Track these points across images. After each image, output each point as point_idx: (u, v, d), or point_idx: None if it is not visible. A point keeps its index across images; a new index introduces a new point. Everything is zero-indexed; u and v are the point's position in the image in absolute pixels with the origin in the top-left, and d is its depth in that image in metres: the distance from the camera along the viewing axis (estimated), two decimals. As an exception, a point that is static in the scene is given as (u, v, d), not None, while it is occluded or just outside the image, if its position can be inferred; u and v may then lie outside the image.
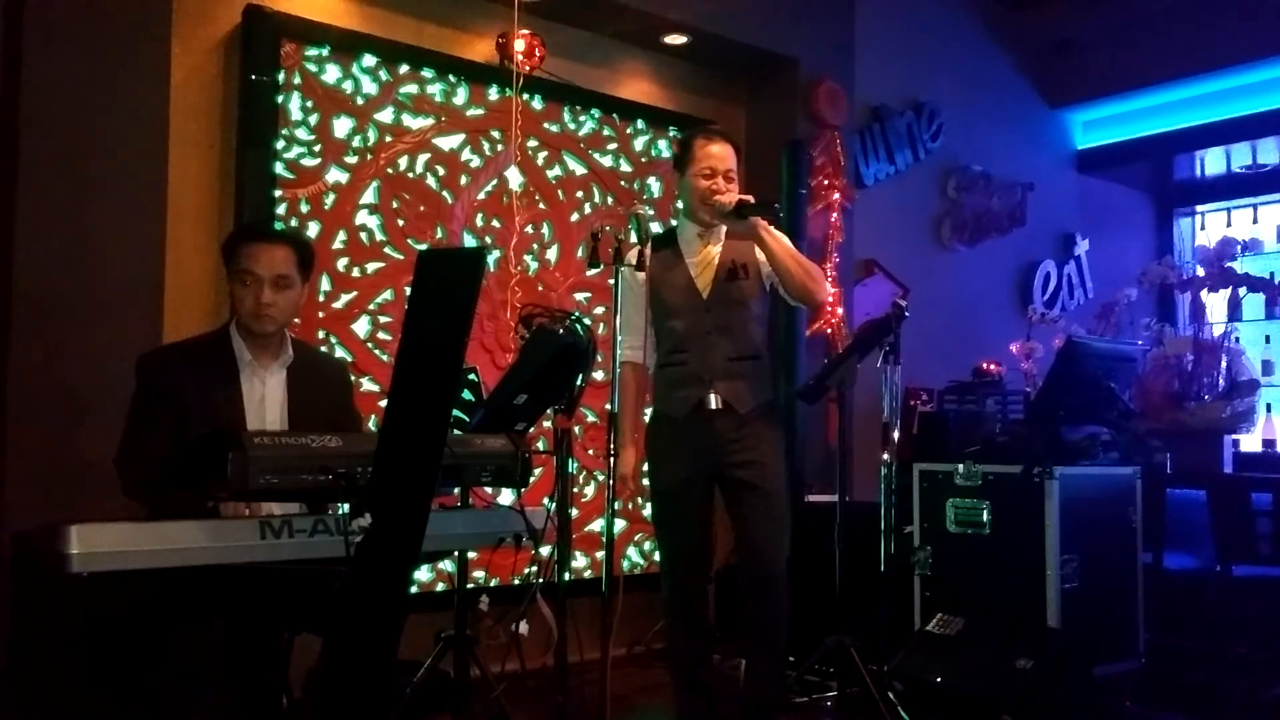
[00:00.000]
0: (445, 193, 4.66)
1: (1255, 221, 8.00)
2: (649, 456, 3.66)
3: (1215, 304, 5.85)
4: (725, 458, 3.52)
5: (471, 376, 3.86)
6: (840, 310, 5.63)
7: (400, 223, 4.52)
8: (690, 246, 3.62)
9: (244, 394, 2.90)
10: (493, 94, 4.80)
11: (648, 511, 5.21)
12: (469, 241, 4.69)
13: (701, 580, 3.69)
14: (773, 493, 3.55)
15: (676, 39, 5.31)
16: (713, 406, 3.51)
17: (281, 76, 4.19)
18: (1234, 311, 5.71)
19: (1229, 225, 8.09)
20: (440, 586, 4.45)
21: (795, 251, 3.54)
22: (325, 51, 4.33)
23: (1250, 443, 6.52)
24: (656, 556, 5.19)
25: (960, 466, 4.20)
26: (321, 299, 4.29)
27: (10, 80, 3.58)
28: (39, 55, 3.56)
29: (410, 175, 4.57)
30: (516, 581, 4.44)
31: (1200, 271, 5.84)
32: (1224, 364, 5.50)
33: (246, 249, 2.92)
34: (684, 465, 3.55)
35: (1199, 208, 8.35)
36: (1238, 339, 5.68)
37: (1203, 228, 8.30)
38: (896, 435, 3.85)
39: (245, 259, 2.90)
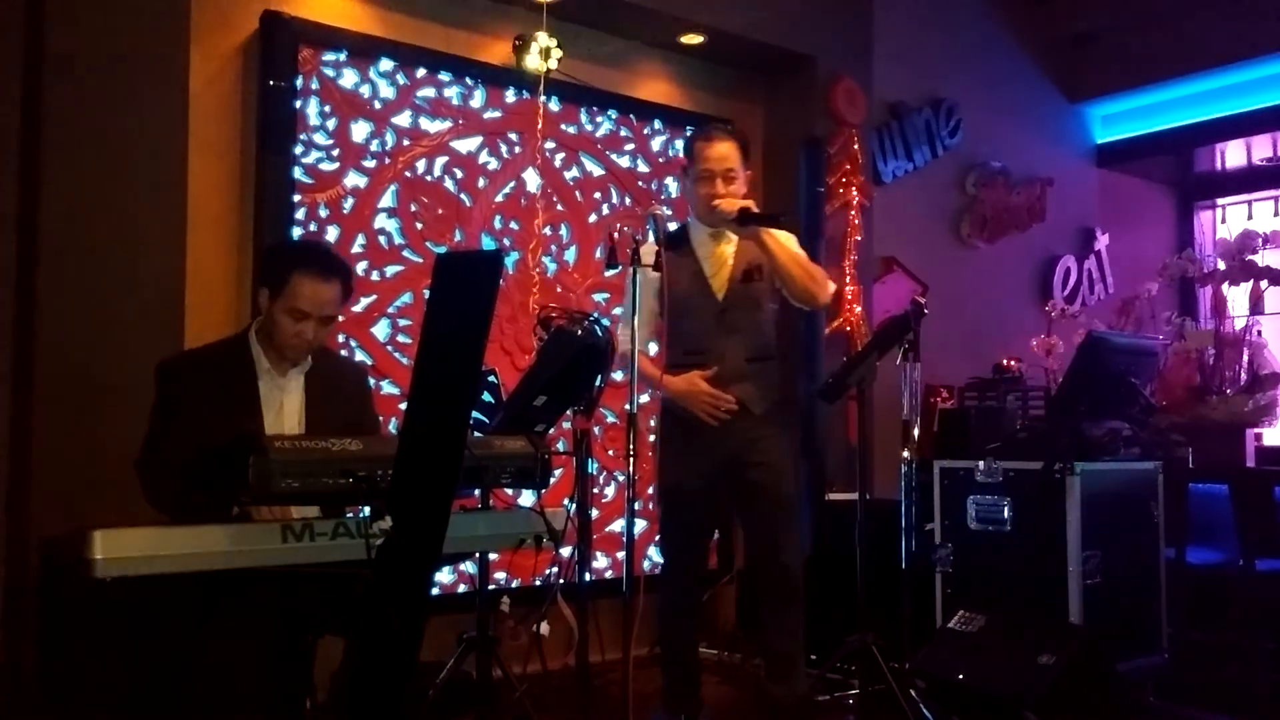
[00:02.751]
0: (463, 195, 4.67)
1: (1276, 214, 7.94)
2: (661, 453, 3.63)
3: (1237, 297, 5.81)
4: (740, 458, 3.54)
5: (491, 378, 3.88)
6: (859, 308, 5.62)
7: (419, 226, 4.54)
8: (704, 248, 3.61)
9: (263, 400, 2.91)
10: (510, 96, 4.81)
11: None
12: (487, 244, 4.70)
13: (699, 581, 3.73)
14: (786, 495, 3.59)
15: (693, 39, 5.31)
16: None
17: (299, 82, 4.21)
18: (1256, 305, 5.67)
19: (1250, 218, 8.03)
20: (462, 588, 4.47)
21: (797, 254, 3.54)
22: (343, 56, 4.35)
23: (1273, 436, 6.47)
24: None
25: (981, 463, 4.19)
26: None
27: (32, 88, 3.61)
28: (60, 63, 3.59)
29: (428, 179, 4.58)
30: (538, 582, 4.46)
31: (1221, 265, 5.81)
32: (1246, 358, 5.48)
33: (302, 284, 2.86)
34: (699, 465, 3.54)
35: (1219, 201, 8.29)
36: (1260, 332, 5.65)
37: (1223, 221, 8.24)
38: (917, 432, 3.84)
39: (298, 296, 2.85)
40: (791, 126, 5.65)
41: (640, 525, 4.97)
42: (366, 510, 2.32)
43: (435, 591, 4.34)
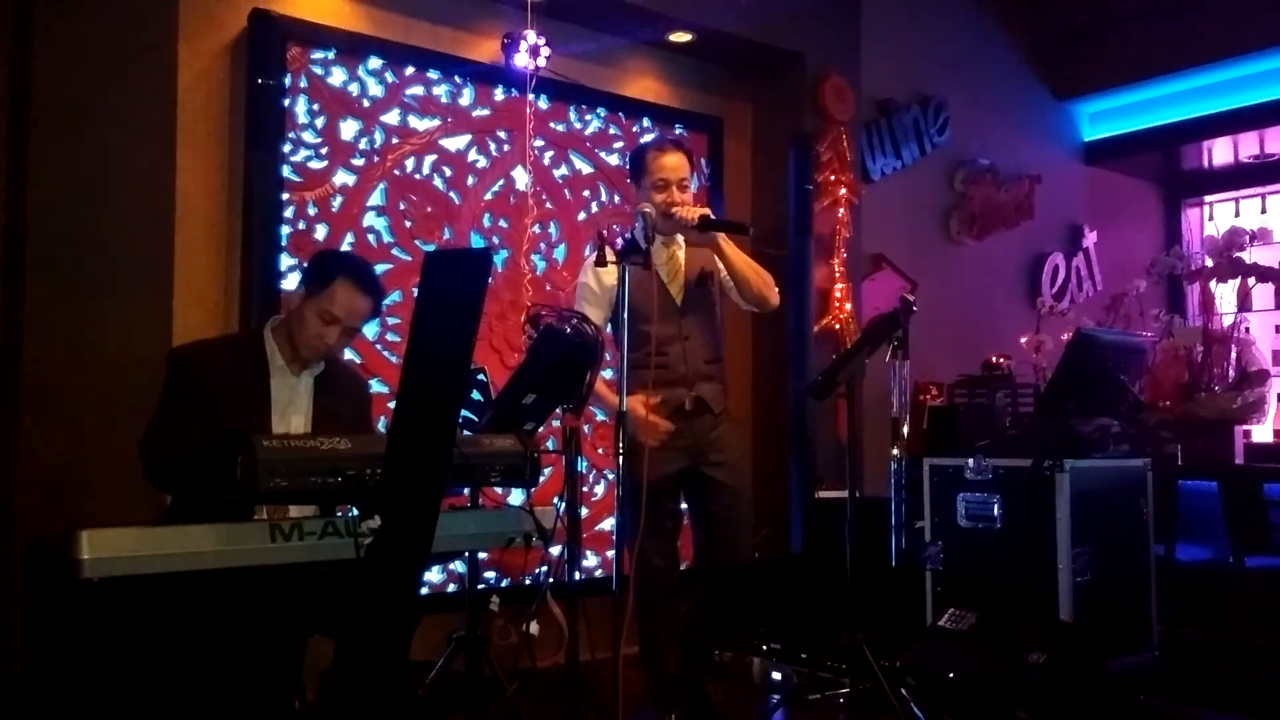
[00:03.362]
0: (452, 194, 4.66)
1: (1264, 211, 7.97)
2: (629, 450, 3.62)
3: (1225, 294, 5.83)
4: (703, 456, 3.67)
5: (480, 377, 3.87)
6: (849, 305, 5.63)
7: (408, 224, 4.52)
8: (657, 255, 3.67)
9: (273, 397, 2.94)
10: (498, 94, 4.80)
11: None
12: (476, 242, 4.69)
13: (676, 576, 3.76)
14: (742, 491, 3.75)
15: (682, 36, 5.31)
16: (693, 407, 3.65)
17: (288, 80, 4.20)
18: (1243, 302, 5.68)
19: (1237, 215, 8.06)
20: (451, 587, 4.46)
21: (750, 260, 3.71)
22: (331, 54, 4.34)
23: (1262, 433, 6.51)
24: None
25: (970, 460, 4.19)
26: (330, 301, 4.30)
27: (19, 84, 3.59)
28: (47, 60, 3.57)
29: (417, 177, 4.57)
30: (527, 581, 4.45)
31: (1209, 262, 5.82)
32: (1234, 354, 5.49)
33: (341, 290, 2.94)
34: (667, 460, 3.60)
35: (1207, 198, 8.31)
36: (1248, 329, 5.66)
37: (1211, 218, 8.26)
38: (906, 430, 3.84)
39: (335, 301, 2.93)
40: (780, 124, 5.66)
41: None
42: (355, 509, 2.31)
43: (425, 591, 4.32)
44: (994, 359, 5.80)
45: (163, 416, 2.84)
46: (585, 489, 4.96)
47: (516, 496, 3.98)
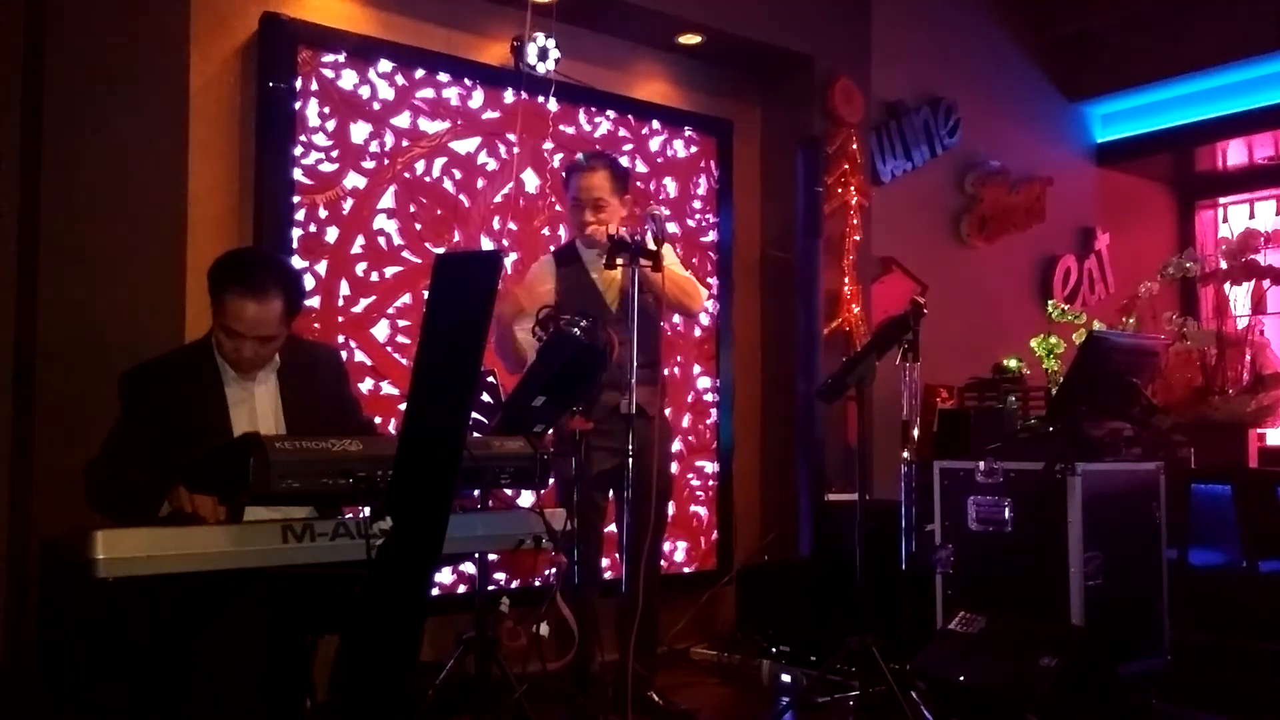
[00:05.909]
0: (462, 196, 4.67)
1: (1278, 213, 7.93)
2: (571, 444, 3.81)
3: (1239, 297, 5.80)
4: (636, 457, 3.70)
5: (490, 379, 3.87)
6: (858, 308, 5.62)
7: (418, 227, 4.53)
8: (594, 263, 3.91)
9: (230, 402, 2.88)
10: (508, 97, 4.81)
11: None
12: (486, 245, 4.70)
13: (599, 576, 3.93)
14: (667, 494, 4.12)
15: (691, 39, 5.31)
16: (630, 410, 3.61)
17: (299, 83, 4.21)
18: (1258, 304, 5.66)
19: (1252, 217, 8.02)
20: (461, 588, 4.46)
21: (670, 271, 3.76)
22: (342, 57, 4.34)
23: (1276, 437, 6.47)
24: (678, 556, 5.21)
25: (981, 464, 4.18)
26: (340, 303, 4.31)
27: (32, 89, 3.61)
28: (59, 64, 3.59)
29: (427, 179, 4.58)
30: (537, 583, 4.45)
31: (1223, 264, 5.80)
32: (1248, 357, 5.47)
33: (233, 303, 2.76)
34: (601, 459, 3.73)
35: (1221, 200, 8.27)
36: (1262, 332, 5.64)
37: (1225, 220, 8.23)
38: (916, 433, 3.83)
39: (230, 316, 2.77)
40: (789, 126, 5.66)
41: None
42: (366, 510, 2.32)
43: (435, 592, 4.33)
44: (1004, 361, 5.78)
45: (112, 445, 2.81)
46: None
47: (526, 498, 3.98)
